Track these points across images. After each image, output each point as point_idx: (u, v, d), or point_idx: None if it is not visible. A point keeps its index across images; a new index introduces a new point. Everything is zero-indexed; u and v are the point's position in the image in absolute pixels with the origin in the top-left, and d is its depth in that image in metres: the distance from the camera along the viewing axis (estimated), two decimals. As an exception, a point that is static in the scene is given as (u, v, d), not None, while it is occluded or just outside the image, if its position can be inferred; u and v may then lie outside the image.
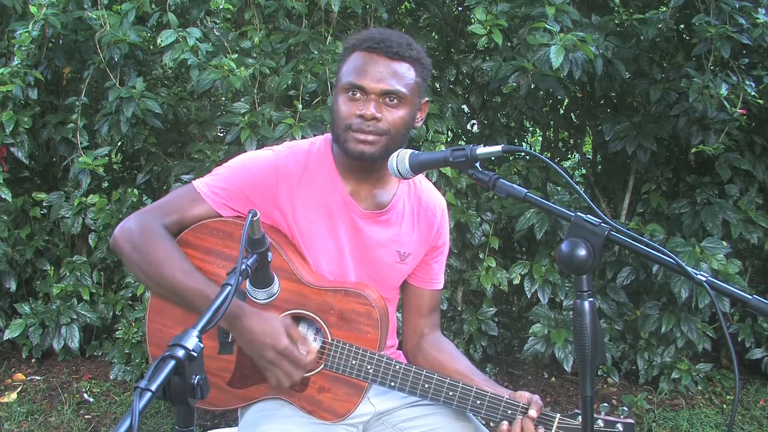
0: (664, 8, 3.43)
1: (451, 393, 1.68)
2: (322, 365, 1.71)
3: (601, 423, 1.59)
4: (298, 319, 1.76)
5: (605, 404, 1.63)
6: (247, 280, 1.43)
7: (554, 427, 1.63)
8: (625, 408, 1.65)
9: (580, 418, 1.61)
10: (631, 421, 1.61)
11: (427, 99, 1.81)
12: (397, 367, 1.69)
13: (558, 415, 1.64)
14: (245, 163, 1.76)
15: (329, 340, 1.70)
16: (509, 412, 1.65)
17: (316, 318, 1.71)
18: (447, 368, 1.81)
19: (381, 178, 1.79)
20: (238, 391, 1.76)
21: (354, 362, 1.69)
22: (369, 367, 1.69)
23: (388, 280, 1.85)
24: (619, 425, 1.60)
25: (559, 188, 3.60)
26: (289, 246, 1.75)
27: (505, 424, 1.64)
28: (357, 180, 1.77)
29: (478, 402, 1.67)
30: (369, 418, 1.83)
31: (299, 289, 1.71)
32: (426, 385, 1.69)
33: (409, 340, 1.95)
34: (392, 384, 1.70)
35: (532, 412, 1.62)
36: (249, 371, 1.74)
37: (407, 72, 1.69)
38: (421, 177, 1.90)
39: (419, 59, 1.72)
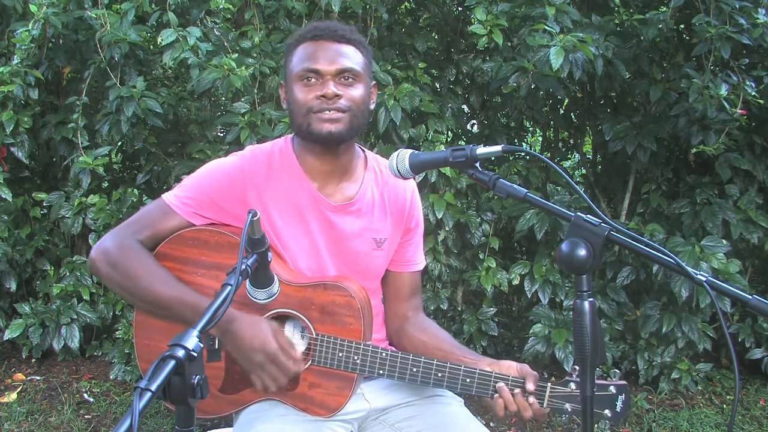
0: (664, 8, 3.43)
1: (440, 374, 1.68)
2: (310, 361, 1.71)
3: None
4: (283, 318, 1.76)
5: (597, 369, 1.64)
6: (247, 280, 1.44)
7: (546, 396, 1.64)
8: (617, 371, 1.65)
9: (572, 384, 1.63)
10: (624, 382, 1.62)
11: (375, 83, 1.86)
12: (384, 354, 1.70)
13: (549, 383, 1.65)
14: (211, 171, 1.79)
15: (314, 336, 1.71)
16: (497, 382, 1.66)
17: (299, 315, 1.72)
18: (429, 346, 1.82)
19: (346, 171, 1.82)
20: (230, 396, 1.77)
21: (341, 354, 1.70)
22: (356, 357, 1.69)
23: (369, 269, 1.86)
24: (612, 387, 1.61)
25: (559, 188, 3.60)
26: None
27: (500, 402, 1.64)
28: (323, 175, 1.79)
29: (468, 380, 1.67)
30: (364, 415, 1.84)
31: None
32: (414, 369, 1.69)
33: (392, 324, 1.95)
34: (381, 372, 1.70)
35: (530, 386, 1.63)
36: (239, 375, 1.75)
37: (355, 53, 1.74)
38: (385, 162, 1.88)
39: (363, 43, 1.78)
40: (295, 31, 1.84)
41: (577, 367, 1.52)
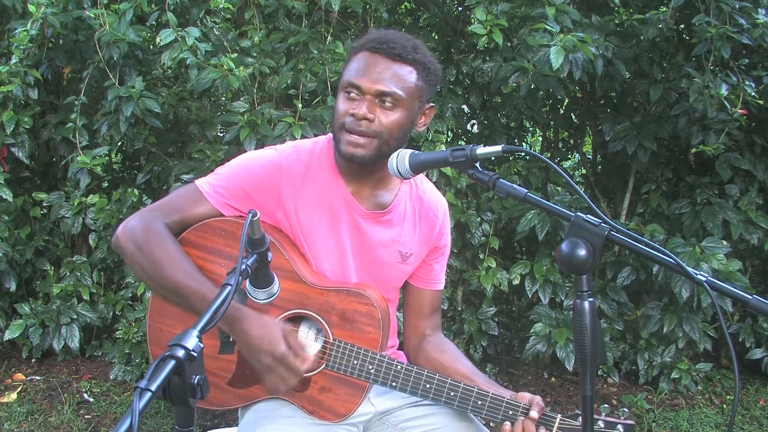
0: (664, 8, 3.43)
1: (452, 393, 1.68)
2: (324, 365, 1.71)
3: (601, 424, 1.59)
4: (299, 318, 1.76)
5: (606, 405, 1.63)
6: (247, 280, 1.43)
7: (555, 428, 1.63)
8: (625, 409, 1.65)
9: (581, 418, 1.61)
10: (632, 422, 1.61)
11: (432, 105, 1.79)
12: (399, 367, 1.69)
13: (559, 415, 1.64)
14: (248, 163, 1.77)
15: (331, 340, 1.71)
16: (510, 412, 1.65)
17: (318, 318, 1.71)
18: (449, 369, 1.81)
19: (382, 179, 1.79)
20: (238, 390, 1.76)
21: (355, 362, 1.69)
22: (370, 367, 1.69)
23: (390, 280, 1.85)
24: (619, 426, 1.60)
25: (559, 189, 3.60)
26: (291, 246, 1.76)
27: (507, 424, 1.64)
28: (358, 180, 1.77)
29: (479, 402, 1.67)
30: (370, 418, 1.83)
31: (301, 289, 1.71)
32: (427, 386, 1.69)
33: (410, 340, 1.95)
34: (393, 384, 1.70)
35: (534, 413, 1.62)
36: (250, 371, 1.74)
37: (408, 75, 1.68)
38: (422, 178, 1.91)
39: (424, 63, 1.71)
40: (362, 34, 1.80)
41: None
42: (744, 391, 3.68)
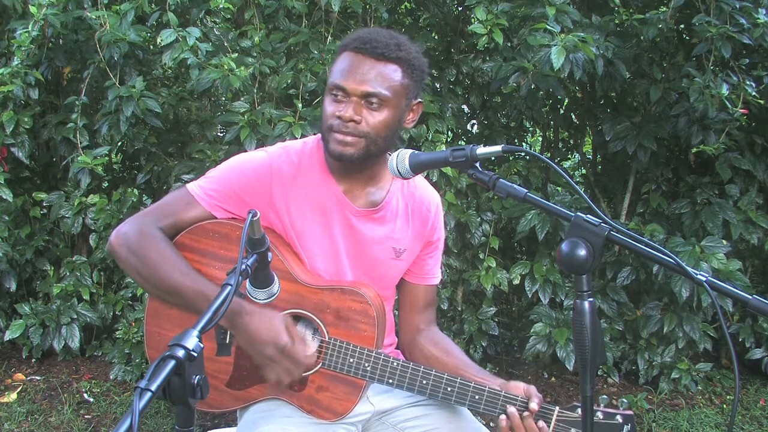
0: (665, 8, 3.43)
1: (449, 389, 1.68)
2: (320, 364, 1.71)
3: (600, 415, 1.59)
4: (295, 318, 1.76)
5: (604, 396, 1.63)
6: (247, 280, 1.43)
7: (553, 420, 1.63)
8: (624, 400, 1.65)
9: (579, 410, 1.61)
10: (630, 411, 1.61)
11: (420, 100, 1.80)
12: (395, 364, 1.69)
13: (557, 407, 1.64)
14: (238, 165, 1.77)
15: (327, 339, 1.71)
16: (507, 406, 1.66)
17: (313, 317, 1.72)
18: (441, 362, 1.81)
19: (373, 176, 1.80)
20: (236, 392, 1.76)
21: (352, 360, 1.69)
22: (367, 365, 1.69)
23: (385, 277, 1.85)
24: (618, 416, 1.60)
25: (559, 189, 3.60)
26: (284, 246, 1.76)
27: (503, 418, 1.64)
28: (349, 178, 1.78)
29: (477, 397, 1.67)
30: (368, 417, 1.84)
31: (296, 289, 1.71)
32: (424, 382, 1.69)
33: (405, 335, 1.95)
34: (390, 381, 1.70)
35: (533, 405, 1.62)
36: (247, 372, 1.74)
37: (393, 73, 1.68)
38: None
39: (408, 60, 1.70)
40: (347, 34, 1.79)
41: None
42: (744, 391, 3.68)
